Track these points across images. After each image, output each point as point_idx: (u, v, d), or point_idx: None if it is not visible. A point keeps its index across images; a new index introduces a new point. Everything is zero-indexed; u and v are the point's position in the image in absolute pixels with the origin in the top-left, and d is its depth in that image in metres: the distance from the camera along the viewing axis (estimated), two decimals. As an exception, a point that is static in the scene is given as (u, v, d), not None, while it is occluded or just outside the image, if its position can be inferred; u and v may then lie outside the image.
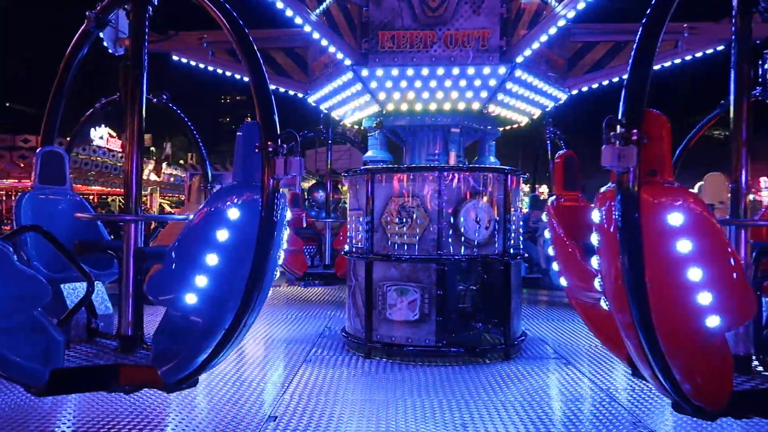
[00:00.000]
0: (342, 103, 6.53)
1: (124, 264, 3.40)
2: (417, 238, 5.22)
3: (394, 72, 5.66)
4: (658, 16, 2.68)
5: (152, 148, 35.53)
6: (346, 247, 7.02)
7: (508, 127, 7.34)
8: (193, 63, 6.92)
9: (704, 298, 2.46)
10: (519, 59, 5.53)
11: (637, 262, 2.50)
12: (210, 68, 6.94)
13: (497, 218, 5.38)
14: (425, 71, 5.59)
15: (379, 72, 5.67)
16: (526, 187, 13.14)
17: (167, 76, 8.40)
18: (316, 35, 5.48)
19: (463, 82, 5.67)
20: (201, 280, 2.84)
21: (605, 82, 6.71)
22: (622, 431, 3.51)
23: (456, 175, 5.31)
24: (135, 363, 3.28)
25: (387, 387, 4.41)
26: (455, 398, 4.12)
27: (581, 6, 5.00)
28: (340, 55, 5.59)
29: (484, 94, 5.79)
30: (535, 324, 7.00)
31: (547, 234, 4.10)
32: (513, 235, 5.59)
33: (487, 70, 5.55)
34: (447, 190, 5.22)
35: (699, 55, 6.50)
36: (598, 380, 4.53)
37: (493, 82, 5.66)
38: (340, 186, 16.10)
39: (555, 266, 4.04)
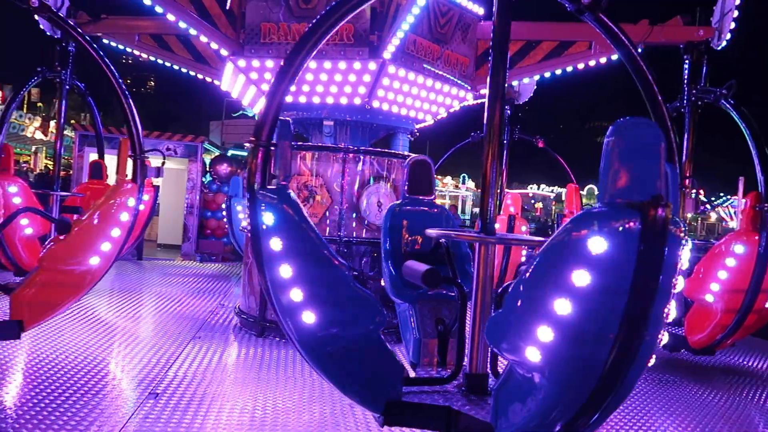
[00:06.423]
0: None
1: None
2: (318, 218, 5.41)
3: (269, 63, 5.76)
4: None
5: (40, 104, 32.46)
6: (244, 224, 6.86)
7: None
8: (120, 47, 7.39)
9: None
10: (386, 55, 5.61)
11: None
12: (135, 52, 7.40)
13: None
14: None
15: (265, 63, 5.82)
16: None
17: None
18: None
19: (338, 77, 5.75)
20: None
21: (515, 83, 6.51)
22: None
23: (361, 158, 5.46)
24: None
25: (278, 365, 4.58)
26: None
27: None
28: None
29: (362, 90, 5.81)
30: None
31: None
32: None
33: (357, 65, 5.66)
34: (351, 173, 5.42)
35: (615, 57, 6.20)
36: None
37: (367, 78, 5.71)
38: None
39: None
